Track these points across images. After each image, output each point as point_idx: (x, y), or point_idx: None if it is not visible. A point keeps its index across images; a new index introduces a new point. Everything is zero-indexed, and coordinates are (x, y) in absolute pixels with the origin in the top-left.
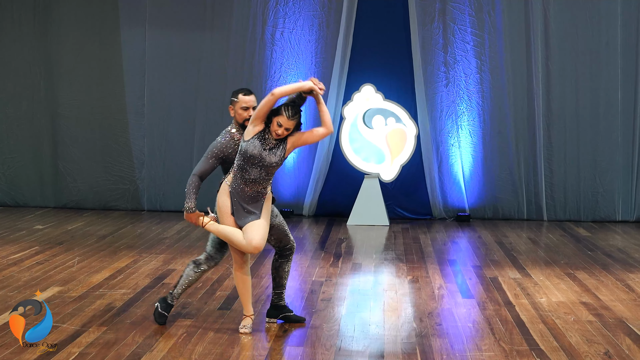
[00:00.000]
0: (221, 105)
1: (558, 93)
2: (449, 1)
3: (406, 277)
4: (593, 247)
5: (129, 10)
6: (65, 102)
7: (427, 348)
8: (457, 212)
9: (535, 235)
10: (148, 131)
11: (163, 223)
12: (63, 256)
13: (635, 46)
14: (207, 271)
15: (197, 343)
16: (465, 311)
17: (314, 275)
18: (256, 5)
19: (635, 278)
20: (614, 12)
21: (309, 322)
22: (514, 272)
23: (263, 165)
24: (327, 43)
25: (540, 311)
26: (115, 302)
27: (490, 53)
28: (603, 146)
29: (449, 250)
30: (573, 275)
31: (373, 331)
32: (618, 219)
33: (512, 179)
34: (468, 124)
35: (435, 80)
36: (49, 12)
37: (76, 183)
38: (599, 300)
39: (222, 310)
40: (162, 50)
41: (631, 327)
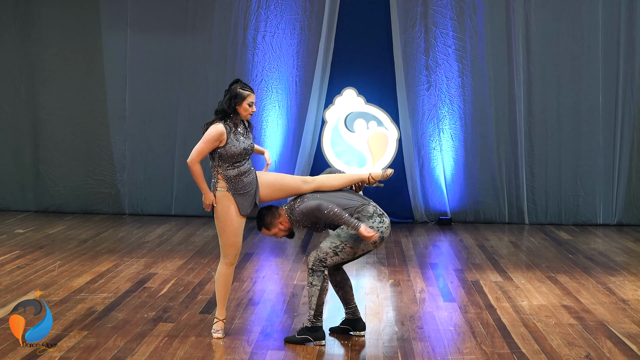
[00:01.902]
0: (203, 109)
1: (539, 97)
2: (431, 5)
3: (388, 281)
4: (574, 251)
5: (110, 14)
6: (46, 106)
7: (408, 351)
8: (438, 216)
9: (516, 238)
10: (129, 135)
11: (144, 227)
12: (44, 260)
13: (617, 50)
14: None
15: (179, 347)
16: (447, 314)
17: (295, 278)
18: (238, 9)
19: (616, 281)
20: (595, 15)
21: (290, 325)
22: (496, 275)
23: (248, 152)
24: (309, 46)
25: (521, 314)
26: (96, 306)
27: (472, 57)
28: (584, 150)
29: (431, 254)
30: (554, 279)
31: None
32: (599, 223)
33: (494, 182)
34: (450, 127)
35: (417, 83)
36: (30, 16)
37: (57, 187)
38: (580, 304)
39: (203, 314)
40: (143, 54)
41: (612, 330)
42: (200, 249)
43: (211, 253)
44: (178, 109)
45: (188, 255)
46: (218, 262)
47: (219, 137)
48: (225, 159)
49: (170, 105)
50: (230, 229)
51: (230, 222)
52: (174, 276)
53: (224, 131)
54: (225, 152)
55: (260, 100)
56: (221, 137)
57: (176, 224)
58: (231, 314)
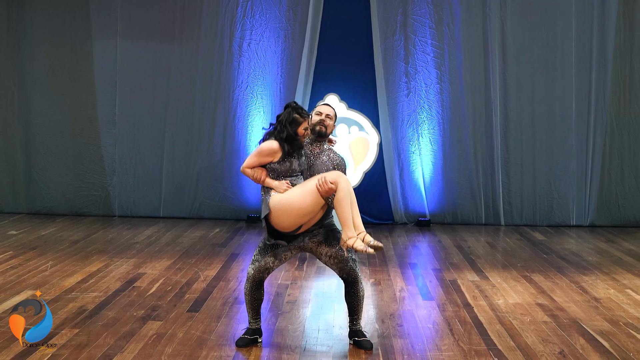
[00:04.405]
0: (190, 114)
1: (515, 103)
2: (411, 14)
3: (369, 280)
4: (548, 251)
5: (101, 22)
6: (38, 111)
7: (388, 348)
8: (417, 217)
9: (492, 239)
10: (119, 139)
11: (133, 228)
12: (36, 260)
13: (589, 58)
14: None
15: (167, 344)
16: (426, 313)
17: (279, 278)
18: (224, 18)
19: (588, 280)
20: (568, 25)
21: (275, 323)
22: (473, 275)
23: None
24: (293, 54)
25: (497, 312)
26: (87, 304)
27: (450, 64)
28: (558, 154)
29: (410, 254)
30: (529, 278)
31: (337, 332)
32: (572, 224)
33: (471, 185)
34: (428, 132)
35: (397, 90)
36: (22, 24)
37: (49, 190)
38: (554, 302)
39: (191, 312)
40: (133, 61)
41: (585, 327)
42: (187, 249)
43: (198, 254)
44: (166, 115)
45: (176, 256)
46: (205, 262)
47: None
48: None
49: (158, 111)
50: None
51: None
52: (162, 276)
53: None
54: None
55: (245, 106)
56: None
57: (164, 225)
58: (217, 312)
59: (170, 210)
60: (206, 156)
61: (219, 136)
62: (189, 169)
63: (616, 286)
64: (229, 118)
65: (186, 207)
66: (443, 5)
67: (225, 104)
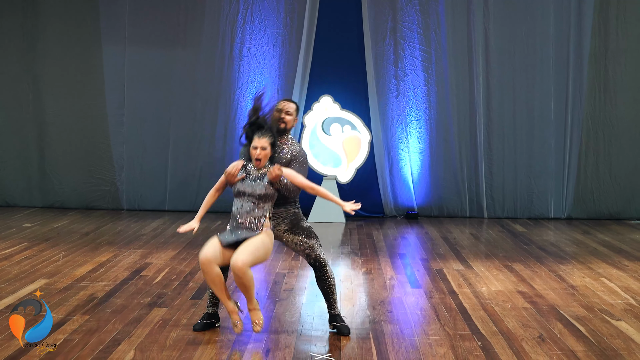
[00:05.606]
0: (193, 115)
1: (497, 104)
2: (400, 21)
3: (360, 269)
4: (528, 242)
5: (110, 29)
6: (51, 112)
7: (379, 333)
8: (406, 211)
9: (476, 231)
10: (127, 138)
11: (141, 221)
12: (49, 251)
13: (566, 62)
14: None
15: (172, 330)
16: (414, 300)
17: (277, 267)
18: (225, 24)
19: (565, 269)
20: (547, 31)
21: (273, 310)
22: (458, 264)
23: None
24: (290, 58)
25: (481, 299)
26: (97, 292)
27: (437, 67)
28: (537, 152)
29: (399, 245)
30: (510, 267)
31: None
32: (551, 217)
33: (456, 180)
34: (416, 131)
35: (387, 91)
36: (36, 31)
37: (61, 185)
38: (533, 289)
39: (194, 299)
40: (139, 65)
41: (562, 313)
42: (191, 241)
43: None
44: (171, 115)
45: (180, 247)
46: None
47: None
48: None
49: (163, 112)
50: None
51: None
52: (167, 265)
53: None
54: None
55: (245, 107)
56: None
57: (169, 218)
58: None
59: (174, 204)
60: (208, 154)
61: (220, 135)
62: (192, 165)
63: (591, 275)
64: (229, 118)
65: (190, 201)
66: (430, 12)
67: (226, 105)
